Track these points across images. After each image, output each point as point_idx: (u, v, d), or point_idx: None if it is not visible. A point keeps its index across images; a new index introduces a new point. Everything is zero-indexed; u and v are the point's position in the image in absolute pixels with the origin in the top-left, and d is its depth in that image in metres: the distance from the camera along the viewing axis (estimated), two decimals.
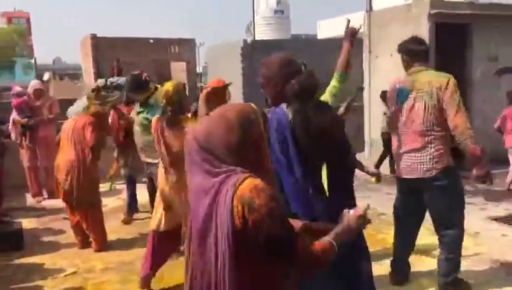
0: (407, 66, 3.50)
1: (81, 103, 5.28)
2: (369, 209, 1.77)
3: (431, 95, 3.25)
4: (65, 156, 4.71)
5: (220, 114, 1.51)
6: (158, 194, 3.74)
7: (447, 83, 3.25)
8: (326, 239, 1.59)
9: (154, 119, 3.71)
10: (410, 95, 3.34)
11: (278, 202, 1.44)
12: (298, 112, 2.29)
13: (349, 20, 3.08)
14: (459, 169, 3.50)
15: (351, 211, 1.74)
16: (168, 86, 3.57)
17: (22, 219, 5.56)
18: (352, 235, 1.71)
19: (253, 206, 1.36)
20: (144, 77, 4.84)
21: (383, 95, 7.57)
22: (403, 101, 3.37)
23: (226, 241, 1.37)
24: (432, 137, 3.28)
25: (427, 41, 7.38)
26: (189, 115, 3.77)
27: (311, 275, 1.73)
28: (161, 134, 3.50)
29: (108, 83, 5.07)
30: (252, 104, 1.57)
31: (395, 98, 3.46)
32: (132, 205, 5.75)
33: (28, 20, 56.81)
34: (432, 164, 3.28)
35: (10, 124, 6.89)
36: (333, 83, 3.22)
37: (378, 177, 4.08)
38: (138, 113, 4.82)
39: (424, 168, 3.30)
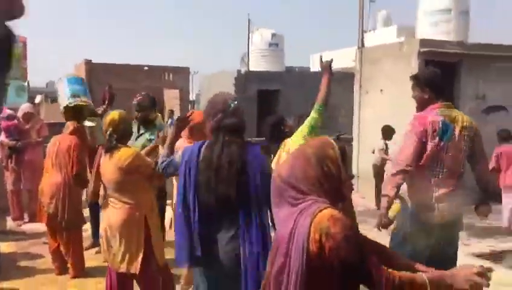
0: (428, 100, 3.15)
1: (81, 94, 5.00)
2: (490, 272, 1.61)
3: (469, 135, 3.10)
4: (50, 179, 4.63)
5: (300, 150, 1.68)
6: None
7: (476, 126, 3.17)
8: (423, 275, 1.57)
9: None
10: (454, 132, 3.06)
11: (354, 230, 1.54)
12: (208, 146, 2.52)
13: (321, 56, 3.27)
14: None
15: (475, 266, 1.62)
16: (114, 114, 3.49)
17: (0, 243, 5.43)
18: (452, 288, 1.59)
19: (330, 234, 1.46)
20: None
21: (387, 129, 7.60)
22: (449, 138, 3.04)
23: (299, 262, 1.48)
24: (462, 179, 3.13)
25: None
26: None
27: None
28: (99, 160, 3.48)
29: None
30: (331, 140, 1.67)
31: (438, 133, 3.03)
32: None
33: (24, 44, 57.27)
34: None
35: None
36: (312, 114, 3.29)
37: None
38: (139, 136, 4.56)
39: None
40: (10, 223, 6.71)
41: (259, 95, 16.69)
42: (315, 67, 27.17)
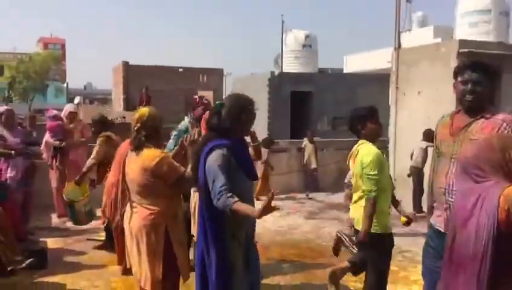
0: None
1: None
2: None
3: None
4: (108, 180, 4.90)
5: (486, 139, 2.10)
6: None
7: None
8: None
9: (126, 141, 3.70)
10: None
11: None
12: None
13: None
14: None
15: None
16: (144, 110, 3.33)
17: (46, 239, 5.66)
18: None
19: None
20: None
21: (429, 132, 7.36)
22: None
23: (489, 226, 1.81)
24: None
25: None
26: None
27: None
28: (125, 157, 3.35)
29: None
30: None
31: None
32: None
33: (63, 46, 58.98)
34: None
35: (42, 145, 7.08)
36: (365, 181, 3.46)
37: (409, 220, 3.70)
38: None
39: None
40: (55, 220, 6.98)
41: (292, 97, 16.72)
42: (348, 68, 26.99)
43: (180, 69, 19.48)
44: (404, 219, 3.70)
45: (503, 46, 8.19)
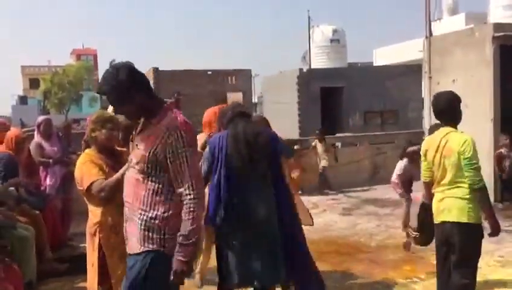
0: None
1: None
2: None
3: None
4: None
5: None
6: None
7: None
8: None
9: None
10: None
11: None
12: (232, 128, 3.03)
13: None
14: None
15: None
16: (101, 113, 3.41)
17: (85, 244, 5.75)
18: None
19: None
20: None
21: None
22: None
23: None
24: None
25: (492, 66, 7.13)
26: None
27: None
28: None
29: None
30: None
31: None
32: None
33: (95, 56, 60.41)
34: None
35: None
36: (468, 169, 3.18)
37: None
38: None
39: None
40: None
41: (322, 93, 16.56)
42: (378, 62, 26.54)
43: (209, 72, 19.62)
44: None
45: None
